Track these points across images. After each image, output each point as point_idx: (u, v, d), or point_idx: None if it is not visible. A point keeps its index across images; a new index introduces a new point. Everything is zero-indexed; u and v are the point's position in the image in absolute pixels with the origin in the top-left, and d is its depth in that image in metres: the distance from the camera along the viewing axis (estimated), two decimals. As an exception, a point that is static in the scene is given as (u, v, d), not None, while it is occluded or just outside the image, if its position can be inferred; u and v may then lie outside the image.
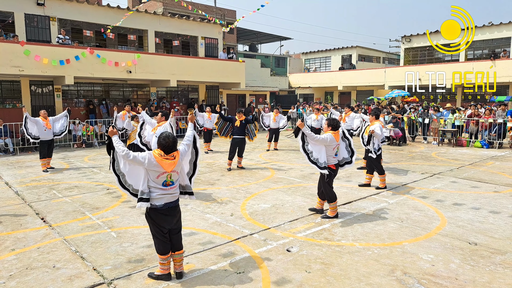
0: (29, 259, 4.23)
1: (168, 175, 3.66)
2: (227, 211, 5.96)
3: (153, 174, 3.60)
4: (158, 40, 17.85)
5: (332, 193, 5.59)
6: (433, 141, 14.34)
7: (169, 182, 3.68)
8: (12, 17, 13.87)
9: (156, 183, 3.62)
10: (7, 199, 6.78)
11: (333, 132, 5.50)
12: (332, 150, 5.50)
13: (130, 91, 17.67)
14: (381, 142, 7.28)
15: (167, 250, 3.73)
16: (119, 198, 6.82)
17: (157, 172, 3.60)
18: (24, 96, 14.56)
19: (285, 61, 32.74)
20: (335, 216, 5.60)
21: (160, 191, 3.64)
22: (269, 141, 12.91)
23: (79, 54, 13.72)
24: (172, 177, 3.69)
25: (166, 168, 3.61)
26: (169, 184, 3.68)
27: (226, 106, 20.88)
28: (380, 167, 7.35)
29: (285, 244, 4.65)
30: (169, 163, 3.62)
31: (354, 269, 3.97)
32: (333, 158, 5.56)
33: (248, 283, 3.69)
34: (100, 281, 3.74)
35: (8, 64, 12.48)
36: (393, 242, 4.67)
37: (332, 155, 5.54)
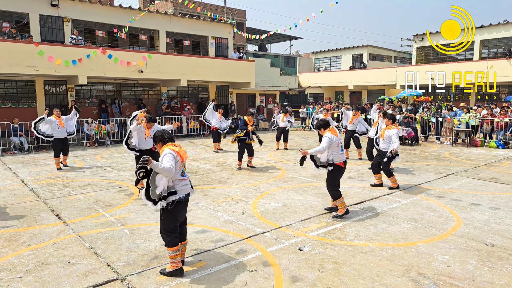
0: (45, 255, 4.29)
1: (183, 164, 3.80)
2: (238, 210, 5.96)
3: (176, 167, 3.70)
4: (169, 40, 17.96)
5: (333, 192, 5.56)
6: (447, 141, 14.12)
7: (184, 172, 3.85)
8: (27, 18, 14.12)
9: (177, 175, 3.75)
10: (23, 196, 6.90)
11: (329, 130, 5.55)
12: (337, 147, 5.54)
13: (141, 91, 17.82)
14: None
15: (178, 241, 3.83)
16: (131, 195, 6.88)
17: (178, 163, 3.71)
18: (39, 95, 14.80)
19: (295, 60, 32.64)
20: (346, 212, 5.55)
21: (182, 182, 3.81)
22: (277, 140, 12.93)
23: (91, 53, 13.87)
24: (185, 166, 3.86)
25: (182, 156, 3.76)
26: (185, 174, 3.87)
27: (236, 106, 20.91)
28: (387, 170, 7.18)
29: (297, 243, 4.62)
30: (183, 151, 3.79)
31: (367, 269, 3.92)
32: (340, 155, 5.57)
33: (261, 281, 3.68)
34: (114, 277, 3.77)
35: (23, 64, 12.70)
36: (407, 243, 4.61)
37: (339, 152, 5.56)
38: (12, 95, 14.55)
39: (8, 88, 14.44)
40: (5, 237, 4.85)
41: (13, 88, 14.51)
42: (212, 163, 10.20)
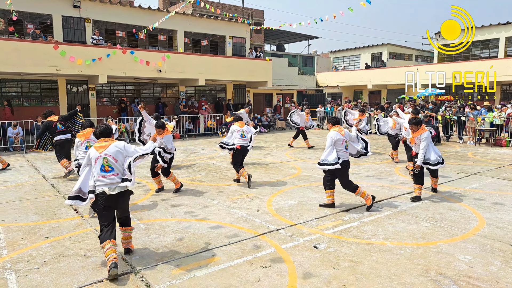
0: (62, 247, 4.37)
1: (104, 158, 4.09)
2: (253, 207, 5.92)
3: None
4: (187, 40, 18.12)
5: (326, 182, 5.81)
6: (470, 140, 13.66)
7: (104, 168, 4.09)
8: (50, 19, 14.53)
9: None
10: (43, 191, 7.07)
11: (335, 128, 5.73)
12: (341, 145, 5.67)
13: (160, 90, 18.06)
14: None
15: None
16: (148, 191, 6.95)
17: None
18: (61, 95, 15.20)
19: (313, 60, 32.36)
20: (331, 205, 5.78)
21: None
22: (295, 138, 12.88)
23: (110, 53, 14.14)
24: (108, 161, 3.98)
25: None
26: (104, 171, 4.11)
27: (252, 105, 20.88)
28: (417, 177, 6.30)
29: (312, 240, 4.54)
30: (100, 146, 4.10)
31: (385, 267, 3.81)
32: (344, 153, 5.71)
33: (274, 277, 3.62)
34: (128, 270, 3.79)
35: (46, 64, 13.06)
36: (427, 242, 4.45)
37: (343, 150, 5.71)
38: (36, 95, 15.00)
39: (32, 87, 14.91)
40: (25, 230, 4.97)
41: (37, 88, 14.97)
42: (228, 161, 10.19)
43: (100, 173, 3.86)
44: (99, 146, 3.98)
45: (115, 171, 3.91)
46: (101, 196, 3.86)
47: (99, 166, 3.88)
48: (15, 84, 14.58)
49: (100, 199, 3.87)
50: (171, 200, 6.35)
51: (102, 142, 4.02)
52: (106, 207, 3.89)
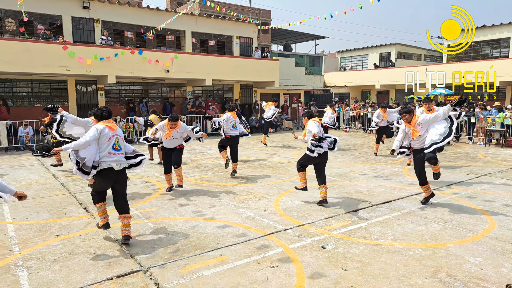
0: (72, 245, 4.42)
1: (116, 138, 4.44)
2: (260, 207, 5.93)
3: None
4: (194, 40, 18.20)
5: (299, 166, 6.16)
6: (479, 141, 13.50)
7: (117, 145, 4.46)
8: (60, 20, 14.70)
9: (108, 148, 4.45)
10: (54, 189, 7.16)
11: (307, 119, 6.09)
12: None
13: (168, 90, 18.15)
14: None
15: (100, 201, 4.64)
16: (156, 190, 7.00)
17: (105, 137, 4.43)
18: (70, 95, 15.38)
19: (320, 60, 32.25)
20: (303, 189, 6.17)
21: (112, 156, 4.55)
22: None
23: (119, 53, 14.25)
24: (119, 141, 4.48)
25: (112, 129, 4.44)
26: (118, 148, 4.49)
27: (260, 105, 20.88)
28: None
29: (319, 241, 4.53)
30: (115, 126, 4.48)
31: (393, 269, 3.79)
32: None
33: (282, 277, 3.62)
34: (137, 268, 3.82)
35: (56, 64, 13.22)
36: (436, 243, 4.42)
37: None
38: (46, 95, 15.19)
39: (43, 87, 15.10)
40: (36, 228, 5.04)
41: (47, 88, 15.15)
42: (236, 161, 10.22)
43: (112, 150, 4.31)
44: (111, 126, 4.38)
45: (121, 150, 4.42)
46: (106, 171, 4.30)
47: (112, 144, 4.31)
48: (25, 84, 14.78)
49: (103, 174, 4.32)
50: (179, 199, 6.38)
51: (111, 122, 4.44)
52: (107, 183, 4.41)
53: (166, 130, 6.63)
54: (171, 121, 6.57)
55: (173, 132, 6.63)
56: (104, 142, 4.28)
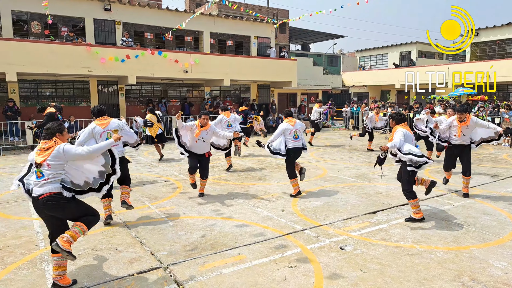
0: (95, 242, 4.54)
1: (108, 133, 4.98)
2: (278, 206, 5.93)
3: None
4: (212, 41, 18.34)
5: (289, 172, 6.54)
6: (504, 142, 13.08)
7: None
8: (83, 22, 15.11)
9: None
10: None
11: (286, 119, 6.57)
12: (289, 135, 6.44)
13: (186, 91, 18.37)
14: None
15: None
16: (175, 189, 7.10)
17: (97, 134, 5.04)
18: (92, 95, 15.78)
19: (338, 59, 31.95)
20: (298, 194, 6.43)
21: None
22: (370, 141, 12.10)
23: (139, 54, 14.52)
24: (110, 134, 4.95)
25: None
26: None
27: (276, 105, 20.87)
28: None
29: (338, 242, 4.50)
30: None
31: (414, 271, 3.72)
32: (291, 142, 6.44)
33: (300, 277, 3.62)
34: (157, 265, 3.89)
35: (79, 66, 13.59)
36: (459, 247, 4.31)
37: (291, 139, 6.43)
38: (69, 95, 15.63)
39: (66, 88, 15.54)
40: (60, 224, 5.19)
41: (70, 88, 15.60)
42: (253, 161, 10.26)
43: None
44: (100, 124, 4.98)
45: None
46: None
47: (104, 139, 4.78)
48: (50, 84, 15.25)
49: None
50: (197, 198, 6.45)
51: (103, 120, 5.04)
52: None
53: (196, 130, 6.18)
54: (207, 115, 6.31)
55: (203, 133, 6.20)
56: (98, 139, 4.89)
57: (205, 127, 6.25)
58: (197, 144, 6.25)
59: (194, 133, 6.19)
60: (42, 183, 3.34)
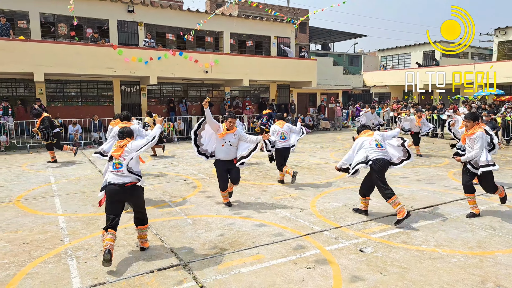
0: (117, 238, 4.64)
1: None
2: (296, 207, 5.91)
3: None
4: (232, 41, 18.45)
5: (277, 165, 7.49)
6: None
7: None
8: (107, 23, 15.50)
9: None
10: (100, 184, 7.52)
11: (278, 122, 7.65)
12: (277, 135, 7.42)
13: (206, 91, 18.54)
14: None
15: None
16: (195, 188, 7.19)
17: None
18: (116, 95, 16.16)
19: (359, 59, 31.51)
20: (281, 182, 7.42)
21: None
22: (415, 145, 11.20)
23: (162, 56, 14.78)
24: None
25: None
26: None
27: (296, 105, 20.77)
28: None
29: (357, 244, 4.45)
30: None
31: (436, 276, 3.63)
32: (279, 142, 7.43)
33: (318, 278, 3.60)
34: (177, 263, 3.96)
35: (103, 66, 13.95)
36: (483, 251, 4.18)
37: (279, 139, 7.42)
38: (93, 95, 16.08)
39: (90, 88, 15.99)
40: (84, 220, 5.36)
41: (94, 88, 16.03)
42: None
43: None
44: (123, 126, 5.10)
45: None
46: None
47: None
48: (75, 85, 15.72)
49: None
50: (216, 197, 6.51)
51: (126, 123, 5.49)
52: None
53: (221, 131, 5.71)
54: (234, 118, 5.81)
55: (229, 136, 5.70)
56: None
57: (231, 130, 5.74)
58: (224, 148, 5.70)
59: (219, 133, 5.67)
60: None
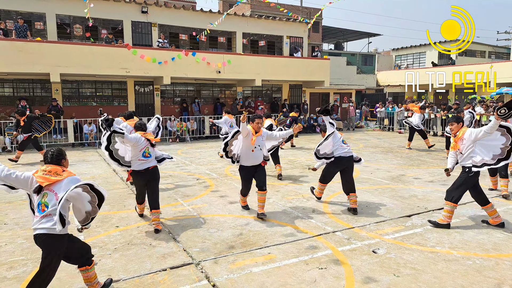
0: (130, 236, 4.73)
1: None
2: (308, 207, 5.89)
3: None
4: (245, 41, 18.48)
5: None
6: None
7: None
8: (121, 24, 15.73)
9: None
10: (114, 183, 7.69)
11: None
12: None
13: (219, 91, 18.63)
14: None
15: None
16: (207, 188, 7.24)
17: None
18: (129, 95, 16.38)
19: (373, 58, 31.15)
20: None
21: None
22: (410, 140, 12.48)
23: (175, 56, 14.91)
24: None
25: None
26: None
27: (308, 105, 20.68)
28: None
29: (370, 245, 4.41)
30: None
31: (450, 278, 3.58)
32: None
33: (330, 279, 3.58)
34: (189, 261, 4.00)
35: (117, 66, 14.16)
36: (500, 254, 4.10)
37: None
38: (108, 95, 16.34)
39: (105, 88, 16.25)
40: (98, 218, 5.43)
41: (108, 88, 16.29)
42: (283, 161, 10.22)
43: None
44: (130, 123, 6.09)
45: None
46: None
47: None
48: (89, 85, 16.00)
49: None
50: (228, 197, 6.54)
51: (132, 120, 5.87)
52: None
53: (252, 137, 5.27)
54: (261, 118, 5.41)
55: (258, 139, 5.34)
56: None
57: (259, 132, 5.37)
58: (254, 153, 5.32)
59: (249, 140, 5.26)
60: None
